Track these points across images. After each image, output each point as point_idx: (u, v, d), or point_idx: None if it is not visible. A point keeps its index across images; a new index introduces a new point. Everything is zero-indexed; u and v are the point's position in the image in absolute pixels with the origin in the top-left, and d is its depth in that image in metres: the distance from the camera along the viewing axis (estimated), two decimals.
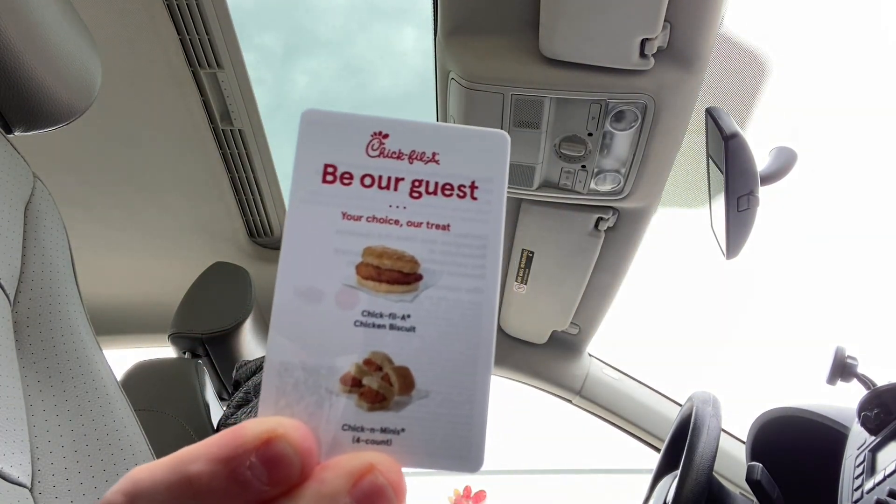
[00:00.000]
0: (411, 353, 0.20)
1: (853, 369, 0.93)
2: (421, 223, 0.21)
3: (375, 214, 0.21)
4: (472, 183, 0.21)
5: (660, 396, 1.61)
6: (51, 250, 0.57)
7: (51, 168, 1.25)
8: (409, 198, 0.21)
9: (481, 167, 0.22)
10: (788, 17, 1.13)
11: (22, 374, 0.49)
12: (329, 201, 0.21)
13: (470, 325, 0.21)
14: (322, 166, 0.21)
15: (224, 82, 1.13)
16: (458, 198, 0.21)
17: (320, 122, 0.21)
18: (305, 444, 0.18)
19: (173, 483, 0.18)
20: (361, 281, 0.20)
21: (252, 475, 0.18)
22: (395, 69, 1.37)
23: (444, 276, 0.21)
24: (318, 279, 0.20)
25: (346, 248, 0.21)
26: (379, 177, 0.21)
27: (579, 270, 1.26)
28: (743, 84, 1.08)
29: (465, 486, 3.22)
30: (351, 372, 0.20)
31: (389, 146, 0.21)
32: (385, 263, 0.21)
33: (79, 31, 0.61)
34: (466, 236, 0.21)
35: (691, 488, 0.83)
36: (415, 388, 0.20)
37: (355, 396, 0.20)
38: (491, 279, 0.21)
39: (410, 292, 0.21)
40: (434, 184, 0.21)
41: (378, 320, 0.20)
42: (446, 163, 0.21)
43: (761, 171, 0.82)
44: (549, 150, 0.98)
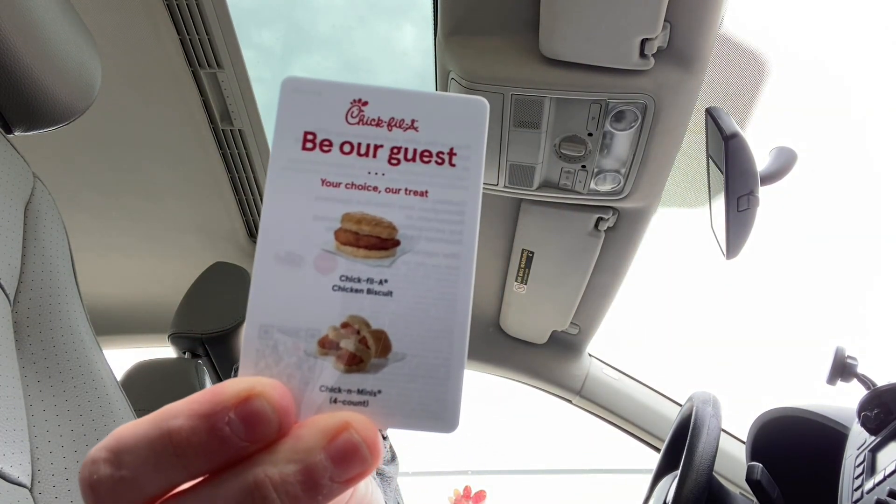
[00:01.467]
0: (388, 316, 0.21)
1: (853, 369, 0.93)
2: (399, 190, 0.21)
3: (354, 181, 0.21)
4: (450, 150, 0.22)
5: (660, 396, 1.61)
6: (51, 250, 0.57)
7: (51, 168, 1.25)
8: (387, 165, 0.21)
9: (460, 134, 0.22)
10: (788, 17, 1.13)
11: (22, 374, 0.49)
12: (308, 168, 0.21)
13: (446, 290, 0.21)
14: (302, 133, 0.21)
15: (224, 82, 1.13)
16: (437, 164, 0.21)
17: (301, 90, 0.22)
18: (283, 402, 0.19)
19: (154, 438, 0.18)
20: (340, 246, 0.21)
21: (231, 431, 0.18)
22: (395, 67, 1.36)
23: (422, 241, 0.21)
24: (298, 244, 0.21)
25: (325, 215, 0.21)
26: (358, 144, 0.21)
27: (579, 270, 1.26)
28: (743, 84, 1.08)
29: (465, 486, 3.22)
30: (329, 335, 0.20)
31: (369, 113, 0.22)
32: (363, 229, 0.21)
33: (79, 31, 0.61)
34: (444, 202, 0.21)
35: (691, 488, 0.83)
36: (391, 351, 0.21)
37: (332, 358, 0.20)
38: (468, 244, 0.21)
39: (388, 257, 0.21)
40: (412, 151, 0.21)
41: (356, 285, 0.21)
42: (425, 130, 0.22)
43: (761, 171, 0.82)
44: (549, 150, 0.98)
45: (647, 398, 1.60)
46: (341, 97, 0.22)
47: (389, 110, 0.22)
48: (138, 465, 0.18)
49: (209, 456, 0.18)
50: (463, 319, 0.21)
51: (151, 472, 0.18)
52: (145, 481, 0.18)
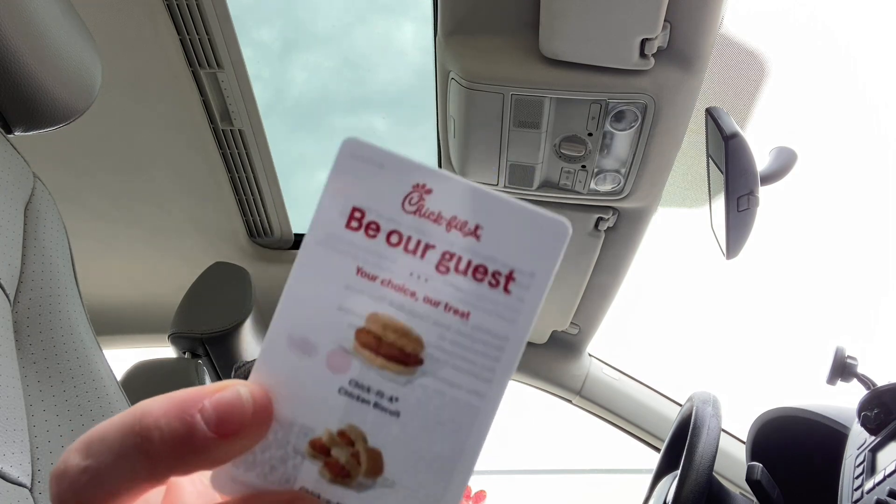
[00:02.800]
0: (388, 438, 0.19)
1: (853, 369, 0.93)
2: (439, 302, 0.19)
3: (392, 279, 0.19)
4: (509, 272, 0.19)
5: (660, 396, 1.61)
6: (51, 250, 0.57)
7: (51, 168, 1.25)
8: (434, 270, 0.19)
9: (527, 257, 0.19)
10: (788, 17, 1.13)
11: (22, 374, 0.49)
12: (347, 250, 0.19)
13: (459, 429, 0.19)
14: (350, 208, 0.19)
15: (224, 82, 1.13)
16: (490, 286, 0.19)
17: (361, 157, 0.19)
18: (259, 396, 0.18)
19: (126, 423, 0.17)
20: (358, 348, 0.19)
21: (201, 418, 0.17)
22: (395, 65, 1.36)
23: (447, 368, 0.19)
24: (315, 332, 0.19)
25: (352, 308, 0.19)
26: (408, 237, 0.19)
27: (579, 270, 1.26)
28: (743, 84, 1.08)
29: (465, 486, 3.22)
30: (323, 438, 0.19)
31: (429, 204, 0.19)
32: (388, 336, 0.19)
33: (79, 31, 0.61)
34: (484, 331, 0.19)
35: (691, 488, 0.83)
36: (382, 475, 0.19)
37: (320, 464, 0.19)
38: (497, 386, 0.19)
39: (405, 374, 0.19)
40: (467, 262, 0.19)
41: (364, 394, 0.19)
42: (488, 240, 0.19)
43: (761, 170, 0.82)
44: (549, 150, 0.98)
45: (647, 398, 1.60)
46: (404, 176, 0.19)
47: (454, 206, 0.19)
48: (104, 453, 0.17)
49: (174, 445, 0.17)
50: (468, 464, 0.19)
51: (114, 460, 0.17)
52: (108, 471, 0.17)
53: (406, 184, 0.19)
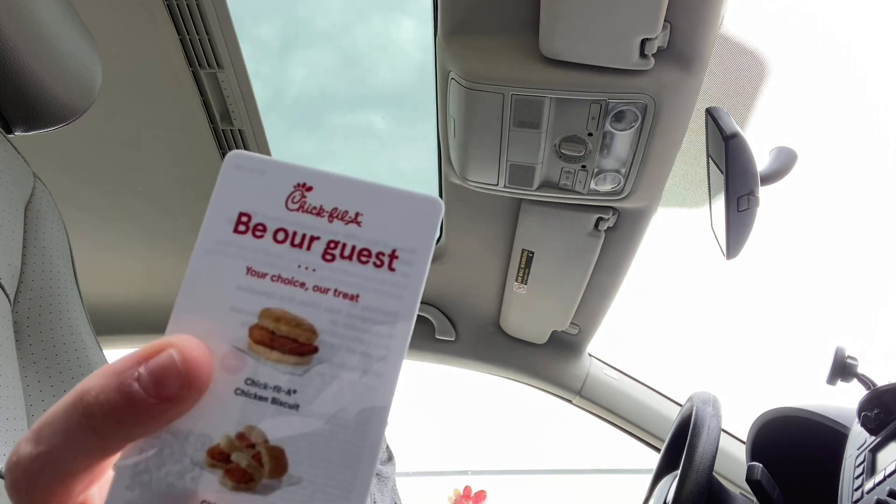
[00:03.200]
0: (290, 433, 0.18)
1: (853, 369, 0.93)
2: (328, 289, 0.19)
3: (282, 274, 0.19)
4: (392, 251, 0.20)
5: (660, 396, 1.61)
6: (51, 250, 0.57)
7: (51, 168, 1.25)
8: (320, 260, 0.20)
9: (406, 235, 0.20)
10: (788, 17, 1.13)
11: (22, 374, 0.49)
12: (236, 253, 0.20)
13: (360, 413, 0.19)
14: (237, 214, 0.20)
15: (224, 82, 1.13)
16: (375, 266, 0.20)
17: (244, 167, 0.20)
18: (194, 354, 0.18)
19: (69, 404, 0.17)
20: (252, 345, 0.19)
21: (139, 386, 0.17)
22: (394, 62, 1.36)
23: (342, 352, 0.19)
24: (208, 335, 0.19)
25: (244, 307, 0.19)
26: (293, 233, 0.20)
27: (579, 270, 1.26)
28: (743, 84, 1.08)
29: (465, 486, 3.22)
30: (221, 444, 0.18)
31: (311, 200, 0.20)
32: (281, 329, 0.19)
33: (79, 31, 0.61)
34: (374, 310, 0.19)
35: (691, 488, 0.83)
36: (287, 473, 0.18)
37: (220, 472, 0.18)
38: (393, 363, 0.19)
39: (301, 365, 0.19)
40: (351, 247, 0.20)
41: (261, 391, 0.19)
42: (369, 225, 0.20)
43: (761, 170, 0.82)
44: (549, 150, 0.98)
45: (647, 398, 1.60)
46: (285, 179, 0.20)
47: (334, 199, 0.20)
48: (53, 436, 0.17)
49: (118, 416, 0.17)
50: (373, 448, 0.18)
51: (64, 441, 0.17)
52: (60, 454, 0.17)
53: (287, 185, 0.20)
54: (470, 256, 1.40)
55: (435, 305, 1.57)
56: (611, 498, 3.71)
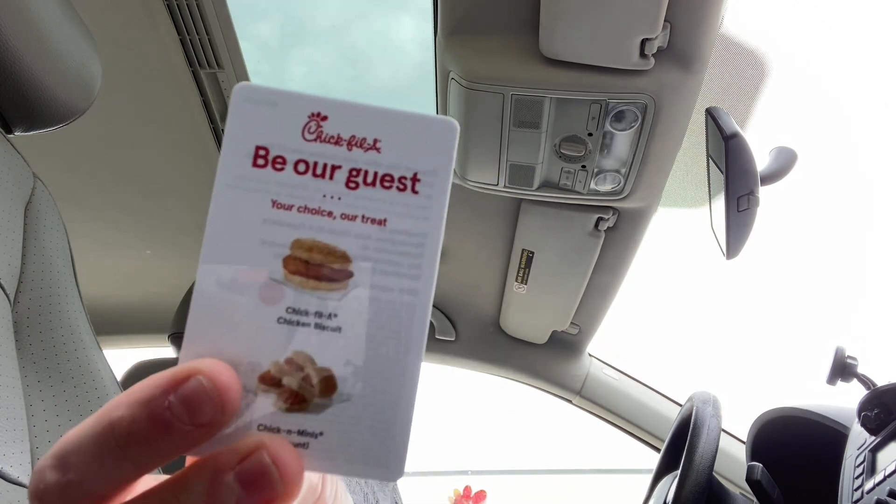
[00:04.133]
0: (336, 354, 0.19)
1: (853, 369, 0.93)
2: (356, 216, 0.20)
3: (308, 204, 0.20)
4: (414, 175, 0.20)
5: (660, 396, 1.61)
6: (51, 250, 0.57)
7: (51, 168, 1.25)
8: (344, 188, 0.20)
9: (425, 158, 0.20)
10: (788, 17, 1.13)
11: (22, 374, 0.49)
12: (258, 187, 0.20)
13: (400, 329, 0.19)
14: (253, 148, 0.20)
15: (224, 82, 1.13)
16: (398, 191, 0.20)
17: (255, 100, 0.20)
18: (222, 378, 0.18)
19: (99, 433, 0.17)
20: (288, 276, 0.19)
21: (172, 415, 0.17)
22: (394, 60, 1.36)
23: (377, 274, 0.20)
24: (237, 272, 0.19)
25: (274, 240, 0.19)
26: (314, 163, 0.20)
27: (579, 270, 1.26)
28: (743, 84, 1.08)
29: (465, 486, 3.22)
30: (271, 370, 0.19)
31: (328, 129, 0.20)
32: (315, 258, 0.19)
33: (79, 31, 0.61)
34: (403, 233, 0.20)
35: (691, 488, 0.83)
36: (336, 392, 0.19)
37: (273, 396, 0.19)
38: (426, 280, 0.20)
39: (339, 290, 0.19)
40: (373, 174, 0.20)
41: (303, 318, 0.19)
42: (388, 151, 0.20)
43: (761, 170, 0.82)
44: (549, 150, 0.98)
45: (647, 398, 1.60)
46: (299, 110, 0.20)
47: (351, 127, 0.20)
48: (84, 465, 0.17)
49: (154, 445, 0.17)
50: (415, 360, 0.19)
51: (98, 470, 0.17)
52: (93, 481, 0.17)
53: (302, 115, 0.20)
54: (470, 256, 1.40)
55: (435, 305, 1.57)
56: (611, 498, 3.71)
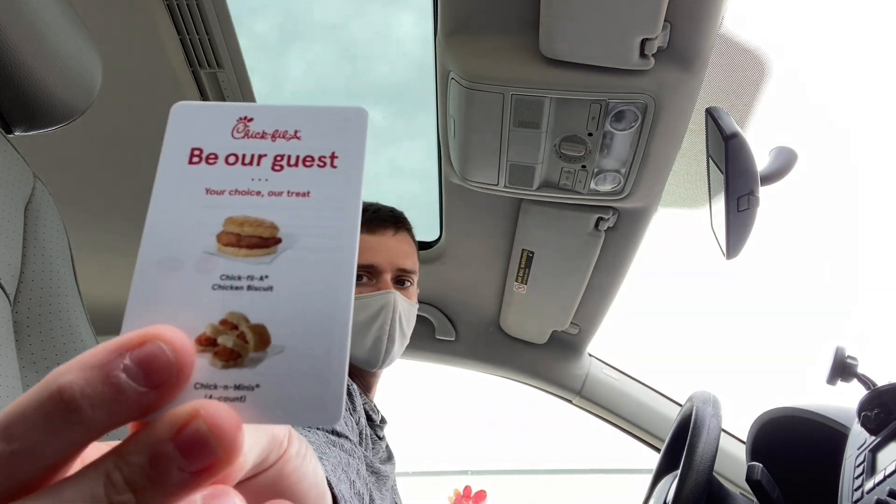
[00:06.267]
0: (268, 310, 0.20)
1: (853, 369, 0.93)
2: (282, 192, 0.22)
3: (238, 188, 0.22)
4: (332, 154, 0.22)
5: (660, 396, 1.61)
6: (51, 250, 0.57)
7: (51, 168, 1.25)
8: (270, 171, 0.22)
9: (341, 139, 0.23)
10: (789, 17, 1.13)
11: (22, 374, 0.49)
12: (193, 180, 0.22)
13: (327, 283, 0.21)
14: (189, 150, 0.22)
15: (224, 82, 1.13)
16: (319, 167, 0.22)
17: (188, 113, 0.23)
18: (180, 342, 0.18)
19: (44, 399, 0.17)
20: (222, 248, 0.21)
21: (127, 377, 0.17)
22: (393, 57, 1.36)
23: (304, 238, 0.21)
24: (178, 249, 0.21)
25: (208, 221, 0.21)
26: (242, 155, 0.22)
27: (579, 270, 1.26)
28: (743, 84, 1.08)
29: (465, 486, 3.22)
30: (206, 332, 0.20)
31: (254, 128, 0.22)
32: (245, 230, 0.21)
33: (79, 31, 0.61)
34: (325, 200, 0.22)
35: (691, 488, 0.83)
36: (270, 345, 0.20)
37: (209, 355, 0.20)
38: (348, 239, 0.21)
39: (269, 255, 0.21)
40: (295, 157, 0.22)
41: (236, 283, 0.21)
42: (308, 138, 0.22)
43: (761, 171, 0.82)
44: (549, 150, 0.98)
45: (647, 398, 1.60)
46: (227, 116, 0.23)
47: (274, 124, 0.23)
48: (30, 432, 0.17)
49: (108, 408, 0.17)
50: (344, 311, 0.21)
51: (47, 437, 0.17)
52: (41, 449, 0.17)
53: (230, 120, 0.23)
54: (470, 256, 1.40)
55: (435, 305, 1.57)
56: (611, 498, 3.71)
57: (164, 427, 0.18)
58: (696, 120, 0.90)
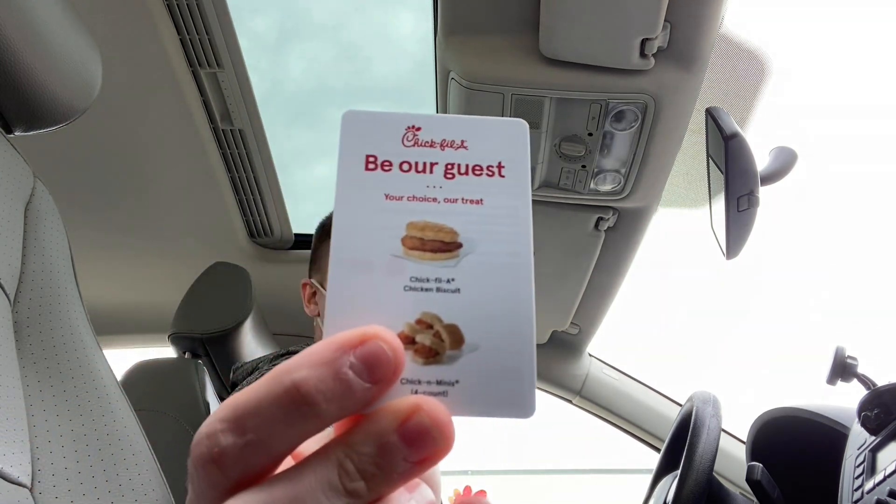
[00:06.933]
0: (458, 311, 0.22)
1: (853, 369, 0.93)
2: (456, 199, 0.23)
3: (415, 194, 0.23)
4: (499, 163, 0.24)
5: (660, 396, 1.61)
6: (51, 250, 0.57)
7: (51, 168, 1.25)
8: (443, 179, 0.24)
9: (506, 150, 0.24)
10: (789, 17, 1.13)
11: (22, 374, 0.49)
12: (372, 185, 0.23)
13: (510, 285, 0.23)
14: (364, 157, 0.24)
15: (224, 82, 1.13)
16: (488, 176, 0.24)
17: (359, 121, 0.24)
18: (395, 341, 0.20)
19: (280, 394, 0.18)
20: (407, 251, 0.23)
21: (353, 374, 0.19)
22: (393, 57, 1.36)
23: (482, 243, 0.23)
24: (367, 252, 0.22)
25: (391, 224, 0.23)
26: (415, 162, 0.24)
27: (579, 270, 1.26)
28: (743, 84, 1.08)
29: (466, 486, 3.22)
30: (405, 331, 0.22)
31: (422, 137, 0.24)
32: (427, 235, 0.23)
33: (79, 31, 0.61)
34: (498, 208, 0.24)
35: (691, 488, 0.83)
36: (464, 343, 0.22)
37: (410, 353, 0.21)
38: (524, 244, 0.23)
39: (453, 258, 0.23)
40: (465, 166, 0.24)
41: (425, 284, 0.22)
42: (474, 148, 0.24)
43: (761, 171, 0.82)
44: (549, 150, 0.98)
45: (647, 398, 1.60)
46: (397, 125, 0.24)
47: (440, 134, 0.24)
48: (265, 425, 0.18)
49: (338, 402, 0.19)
50: (528, 310, 0.22)
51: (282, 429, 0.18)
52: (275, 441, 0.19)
53: (400, 128, 0.24)
54: None
55: None
56: (611, 498, 3.71)
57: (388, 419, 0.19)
58: (696, 120, 0.90)
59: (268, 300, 1.43)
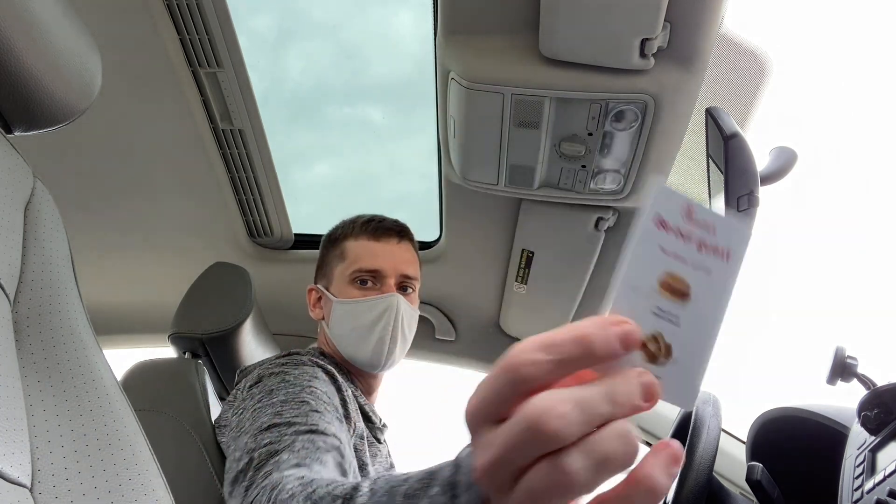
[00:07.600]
0: (674, 336, 0.33)
1: (853, 369, 0.93)
2: (699, 268, 0.34)
3: (677, 253, 0.34)
4: (727, 251, 0.34)
5: None
6: (51, 250, 0.57)
7: (51, 168, 1.25)
8: (695, 249, 0.34)
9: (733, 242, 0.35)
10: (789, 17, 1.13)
11: (22, 374, 0.49)
12: (657, 238, 0.34)
13: (707, 331, 0.34)
14: (660, 218, 0.34)
15: (224, 82, 1.13)
16: (719, 258, 0.34)
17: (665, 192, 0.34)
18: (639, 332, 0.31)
19: (577, 337, 0.29)
20: (660, 290, 0.34)
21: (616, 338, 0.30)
22: (393, 56, 1.36)
23: (703, 300, 0.34)
24: (641, 280, 0.33)
25: (658, 268, 0.34)
26: (685, 232, 0.34)
27: (579, 270, 1.26)
28: (743, 84, 1.08)
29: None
30: (643, 337, 0.32)
31: (696, 216, 0.34)
32: (675, 284, 0.34)
33: (79, 31, 0.61)
34: (716, 281, 0.34)
35: (691, 488, 0.83)
36: (672, 357, 0.33)
37: (642, 353, 0.33)
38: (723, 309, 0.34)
39: (682, 303, 0.34)
40: (710, 245, 0.34)
41: (662, 314, 0.33)
42: (718, 235, 0.34)
43: (761, 170, 0.82)
44: (549, 150, 0.98)
45: None
46: (682, 203, 0.34)
47: (704, 217, 0.34)
48: (564, 354, 0.29)
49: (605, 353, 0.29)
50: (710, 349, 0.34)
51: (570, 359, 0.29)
52: (569, 364, 0.29)
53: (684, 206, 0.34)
54: (470, 256, 1.40)
55: (435, 305, 1.57)
56: None
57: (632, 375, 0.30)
58: (696, 120, 0.90)
59: (268, 300, 1.43)
